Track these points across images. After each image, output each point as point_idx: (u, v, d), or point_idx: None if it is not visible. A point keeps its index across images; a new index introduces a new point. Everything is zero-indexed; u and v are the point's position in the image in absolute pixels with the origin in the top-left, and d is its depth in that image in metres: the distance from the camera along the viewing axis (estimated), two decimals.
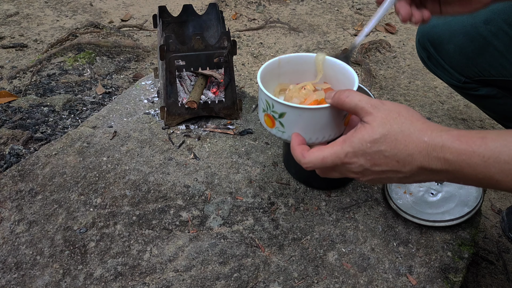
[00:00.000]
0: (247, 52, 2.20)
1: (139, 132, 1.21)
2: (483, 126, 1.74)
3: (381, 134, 0.59)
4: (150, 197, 1.02)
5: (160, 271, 0.87)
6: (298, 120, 0.68)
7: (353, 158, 0.61)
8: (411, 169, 0.59)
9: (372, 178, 0.63)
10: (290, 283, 0.86)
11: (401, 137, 0.58)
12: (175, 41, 1.13)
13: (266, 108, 0.71)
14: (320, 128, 0.69)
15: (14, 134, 1.42)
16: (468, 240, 0.95)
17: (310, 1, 2.73)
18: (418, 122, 0.59)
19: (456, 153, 0.55)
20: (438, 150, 0.56)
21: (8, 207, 0.99)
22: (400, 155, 0.58)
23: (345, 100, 0.63)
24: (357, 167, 0.62)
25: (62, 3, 2.60)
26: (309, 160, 0.64)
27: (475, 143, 0.54)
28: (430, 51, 1.15)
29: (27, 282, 0.84)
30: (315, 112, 0.68)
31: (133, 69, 2.02)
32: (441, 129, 0.57)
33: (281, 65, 0.79)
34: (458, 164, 0.55)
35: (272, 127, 0.72)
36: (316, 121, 0.68)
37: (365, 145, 0.60)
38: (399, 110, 0.60)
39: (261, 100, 0.73)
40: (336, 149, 0.62)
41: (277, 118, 0.70)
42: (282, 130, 0.71)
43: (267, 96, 0.69)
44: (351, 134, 0.61)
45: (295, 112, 0.68)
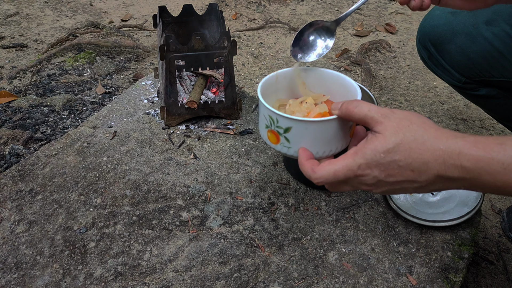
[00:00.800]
0: (247, 52, 2.20)
1: (139, 132, 1.21)
2: (483, 126, 1.74)
3: (395, 143, 0.57)
4: (150, 197, 1.02)
5: (160, 271, 0.87)
6: (305, 134, 0.66)
7: (367, 170, 0.59)
8: (428, 178, 0.57)
9: (386, 190, 0.61)
10: (290, 283, 0.86)
11: (415, 145, 0.56)
12: (175, 41, 1.13)
13: (269, 124, 0.68)
14: (328, 141, 0.67)
15: (14, 134, 1.42)
16: (468, 240, 0.95)
17: (310, 1, 2.73)
18: (431, 129, 0.57)
19: (474, 160, 0.53)
20: (455, 158, 0.54)
21: (8, 207, 0.99)
22: (415, 164, 0.56)
23: (354, 110, 0.62)
24: (371, 179, 0.60)
25: (62, 3, 2.60)
26: (321, 175, 0.62)
27: (493, 149, 0.53)
28: (431, 51, 1.15)
29: (27, 282, 0.84)
30: (323, 124, 0.66)
31: (133, 69, 2.02)
32: (457, 136, 0.56)
33: (279, 80, 0.77)
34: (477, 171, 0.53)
35: (277, 143, 0.69)
36: (323, 134, 0.66)
37: (379, 156, 0.58)
38: (410, 117, 0.59)
39: (263, 117, 0.70)
40: (348, 162, 0.60)
41: (282, 133, 0.67)
42: (287, 146, 0.68)
43: (270, 111, 0.67)
44: (363, 145, 0.60)
45: (302, 125, 0.65)
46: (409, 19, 2.53)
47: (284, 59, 2.14)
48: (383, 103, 1.84)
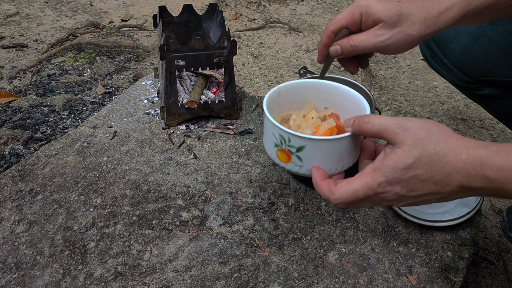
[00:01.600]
0: (247, 52, 2.20)
1: (139, 132, 1.21)
2: (483, 126, 1.74)
3: (415, 158, 0.55)
4: (150, 197, 1.02)
5: (160, 271, 0.87)
6: (318, 152, 0.64)
7: (387, 187, 0.58)
8: (451, 189, 0.56)
9: (408, 203, 0.60)
10: (290, 283, 0.86)
11: (437, 158, 0.55)
12: (175, 41, 1.13)
13: (280, 143, 0.66)
14: (340, 157, 0.66)
15: (14, 134, 1.42)
16: (468, 240, 0.95)
17: (310, 1, 2.73)
18: (452, 139, 0.56)
19: (497, 170, 0.52)
20: (478, 168, 0.53)
21: (8, 207, 0.99)
22: (438, 177, 0.55)
23: (366, 126, 0.60)
24: (392, 195, 0.58)
25: (62, 3, 2.60)
26: (340, 196, 0.60)
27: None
28: (434, 50, 1.15)
29: (27, 282, 0.84)
30: (337, 142, 0.64)
31: (133, 69, 2.02)
32: (478, 145, 0.54)
33: (281, 94, 0.75)
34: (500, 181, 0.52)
35: (288, 162, 0.67)
36: (336, 151, 0.65)
37: (400, 172, 0.56)
38: (428, 127, 0.57)
39: (272, 135, 0.67)
40: (367, 180, 0.58)
41: (295, 152, 0.65)
42: (299, 165, 0.66)
43: (281, 130, 0.65)
44: (381, 162, 0.58)
45: (316, 144, 0.64)
46: None
47: (284, 59, 2.14)
48: (383, 103, 1.84)
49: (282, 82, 2.02)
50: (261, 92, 1.88)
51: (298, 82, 0.77)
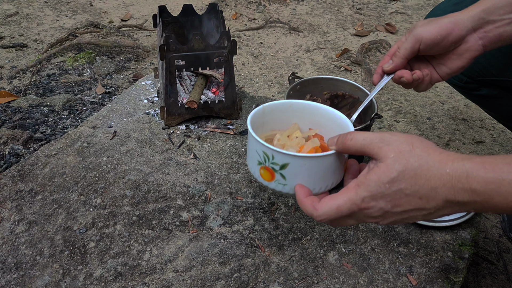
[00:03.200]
0: (247, 52, 2.20)
1: (139, 132, 1.21)
2: (483, 126, 1.73)
3: (398, 171, 0.54)
4: (150, 197, 1.02)
5: (160, 271, 0.87)
6: (302, 170, 0.63)
7: (371, 202, 0.56)
8: (436, 204, 0.54)
9: (393, 220, 0.58)
10: (290, 283, 0.85)
11: (421, 171, 0.54)
12: (175, 41, 1.13)
13: (263, 160, 0.65)
14: (324, 176, 0.64)
15: (14, 134, 1.42)
16: (468, 240, 0.95)
17: (310, 1, 2.72)
18: (435, 153, 0.55)
19: (483, 183, 0.51)
20: (464, 181, 0.52)
21: (8, 207, 0.99)
22: (422, 191, 0.54)
23: (349, 143, 0.60)
24: (377, 211, 0.57)
25: (62, 3, 2.60)
26: (323, 212, 0.59)
27: (502, 170, 0.50)
28: None
29: (27, 282, 0.84)
30: (321, 160, 0.63)
31: (133, 69, 2.02)
32: (463, 158, 0.53)
33: (265, 113, 0.75)
34: (487, 194, 0.51)
35: (271, 180, 0.65)
36: (320, 170, 0.64)
37: (383, 187, 0.55)
38: (411, 141, 0.56)
39: (255, 152, 0.66)
40: (351, 195, 0.57)
41: (278, 170, 0.64)
42: (283, 183, 0.65)
43: (265, 147, 0.63)
44: (364, 176, 0.57)
45: (300, 161, 0.62)
46: (410, 19, 2.53)
47: (284, 59, 2.14)
48: (383, 103, 1.84)
49: (282, 81, 2.02)
50: (261, 92, 1.88)
51: (283, 102, 0.76)
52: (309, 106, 0.76)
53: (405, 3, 2.71)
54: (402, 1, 2.74)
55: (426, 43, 0.79)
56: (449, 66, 0.83)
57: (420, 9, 2.63)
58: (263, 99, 1.34)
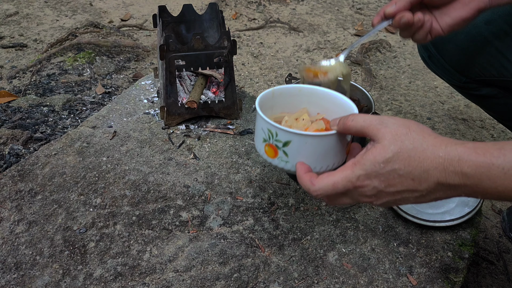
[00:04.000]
0: (247, 52, 2.20)
1: (139, 132, 1.21)
2: (483, 126, 1.73)
3: (393, 152, 0.56)
4: (150, 197, 1.02)
5: (160, 271, 0.87)
6: (304, 148, 0.66)
7: (366, 181, 0.59)
8: (428, 186, 0.56)
9: (387, 201, 0.60)
10: (290, 283, 0.85)
11: (415, 153, 0.56)
12: (175, 40, 1.13)
13: (268, 137, 0.68)
14: (325, 155, 0.67)
15: (14, 134, 1.42)
16: (468, 240, 0.95)
17: (310, 1, 2.72)
18: (430, 136, 0.57)
19: (474, 166, 0.53)
20: (455, 164, 0.54)
21: (7, 207, 0.99)
22: (415, 173, 0.56)
23: (351, 123, 0.62)
24: (371, 190, 0.59)
25: (61, 3, 2.60)
26: (319, 187, 0.62)
27: (493, 154, 0.52)
28: (431, 51, 1.15)
29: (26, 282, 0.84)
30: (322, 139, 0.66)
31: (133, 69, 2.02)
32: (456, 143, 0.55)
33: (275, 96, 0.77)
34: (477, 177, 0.53)
35: (274, 157, 0.69)
36: (322, 149, 0.66)
37: (378, 166, 0.57)
38: (408, 124, 0.58)
39: (261, 130, 0.70)
40: (347, 173, 0.60)
41: (281, 147, 0.67)
42: (285, 160, 0.68)
43: (270, 124, 0.67)
44: (361, 156, 0.59)
45: (301, 139, 0.65)
46: None
47: (284, 58, 2.14)
48: (383, 103, 1.84)
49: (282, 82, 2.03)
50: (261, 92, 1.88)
51: (293, 86, 0.79)
52: (319, 91, 0.78)
53: None
54: None
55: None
56: (453, 15, 0.82)
57: None
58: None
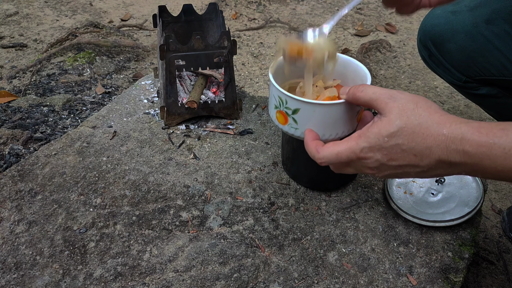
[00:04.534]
0: (247, 52, 2.20)
1: (139, 132, 1.21)
2: None
3: (398, 127, 0.57)
4: (150, 197, 1.02)
5: (160, 271, 0.87)
6: (312, 116, 0.68)
7: (369, 153, 0.59)
8: (429, 163, 0.57)
9: (388, 173, 0.61)
10: (290, 283, 0.85)
11: (419, 129, 0.56)
12: (175, 40, 1.13)
13: (279, 104, 0.70)
14: (334, 124, 0.68)
15: (14, 134, 1.42)
16: (468, 240, 0.95)
17: (310, 1, 2.72)
18: (436, 114, 0.57)
19: (475, 145, 0.53)
20: (457, 143, 0.54)
21: (7, 207, 0.99)
22: (418, 148, 0.57)
23: (360, 94, 0.63)
24: (373, 162, 0.60)
25: (61, 3, 2.60)
26: (323, 155, 0.63)
27: (495, 134, 0.53)
28: (431, 50, 1.15)
29: (26, 282, 0.84)
30: (330, 107, 0.67)
31: (133, 69, 2.02)
32: (461, 121, 0.56)
33: None
34: (478, 156, 0.53)
35: (285, 124, 0.71)
36: (330, 117, 0.67)
37: (382, 140, 0.58)
38: (416, 100, 0.58)
39: (273, 97, 0.72)
40: (351, 144, 0.61)
41: (291, 114, 0.69)
42: (295, 127, 0.70)
43: (280, 92, 0.68)
44: (367, 128, 0.60)
45: (310, 107, 0.67)
46: (410, 18, 2.53)
47: None
48: None
49: None
50: (261, 92, 1.88)
51: None
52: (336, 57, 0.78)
53: None
54: None
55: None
56: None
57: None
58: (263, 99, 1.34)
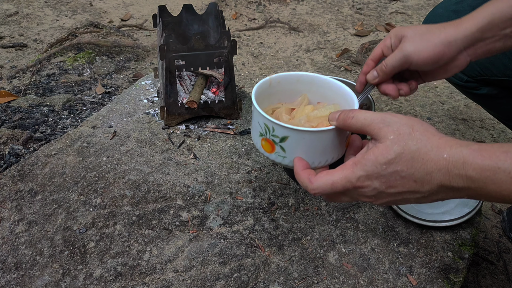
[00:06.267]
0: (247, 52, 2.20)
1: (139, 132, 1.21)
2: (483, 126, 1.73)
3: (396, 153, 0.55)
4: (150, 197, 1.02)
5: (160, 271, 0.87)
6: (301, 144, 0.64)
7: (366, 182, 0.57)
8: (431, 188, 0.55)
9: (387, 201, 0.59)
10: (290, 283, 0.85)
11: (418, 155, 0.54)
12: (175, 40, 1.13)
13: (264, 132, 0.66)
14: (324, 151, 0.65)
15: (14, 134, 1.42)
16: (468, 240, 0.95)
17: (310, 1, 2.72)
18: (434, 137, 0.55)
19: (479, 170, 0.51)
20: (460, 167, 0.52)
21: (7, 207, 0.99)
22: (418, 175, 0.54)
23: (351, 121, 0.60)
24: (371, 191, 0.58)
25: (61, 3, 2.60)
26: (317, 186, 0.60)
27: (499, 158, 0.51)
28: None
29: (26, 282, 0.84)
30: (320, 134, 0.64)
31: (133, 68, 2.02)
32: (461, 144, 0.54)
33: (272, 85, 0.75)
34: (482, 181, 0.52)
35: (271, 152, 0.67)
36: (320, 144, 0.64)
37: (380, 167, 0.56)
38: (412, 124, 0.56)
39: (257, 124, 0.67)
40: (347, 173, 0.58)
41: (278, 142, 0.65)
42: (283, 155, 0.66)
43: (266, 119, 0.64)
44: (362, 155, 0.57)
45: (299, 135, 0.63)
46: (410, 18, 2.53)
47: (284, 58, 2.14)
48: (383, 102, 1.84)
49: None
50: None
51: (291, 74, 0.76)
52: (318, 79, 0.76)
53: (405, 3, 2.71)
54: (402, 1, 2.74)
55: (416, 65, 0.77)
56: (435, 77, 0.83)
57: (420, 9, 2.63)
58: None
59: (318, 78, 0.76)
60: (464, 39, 0.75)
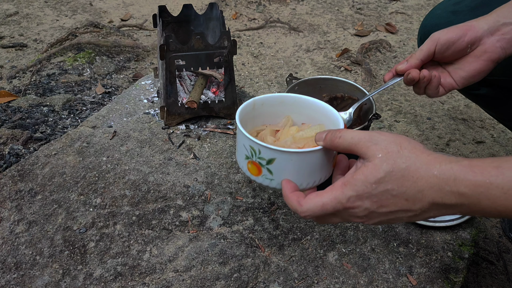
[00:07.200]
0: (247, 52, 2.20)
1: (139, 132, 1.21)
2: (483, 126, 1.73)
3: (386, 171, 0.54)
4: (150, 197, 1.02)
5: (160, 271, 0.87)
6: (289, 166, 0.62)
7: (357, 202, 0.56)
8: (422, 206, 0.54)
9: (379, 221, 0.58)
10: (290, 283, 0.85)
11: (408, 173, 0.53)
12: (175, 40, 1.13)
13: (250, 155, 0.64)
14: (312, 171, 0.64)
15: (14, 134, 1.42)
16: (468, 240, 0.95)
17: (310, 1, 2.72)
18: (423, 154, 0.54)
19: (472, 186, 0.51)
20: (451, 184, 0.52)
21: (7, 207, 0.99)
22: (409, 193, 0.54)
23: (338, 141, 0.59)
24: (362, 211, 0.57)
25: (61, 3, 2.60)
26: (307, 208, 0.59)
27: (490, 173, 0.50)
28: None
29: (26, 282, 0.84)
30: (308, 155, 0.62)
31: (133, 68, 2.02)
32: (450, 160, 0.53)
33: (256, 107, 0.74)
34: (475, 197, 0.51)
35: (258, 175, 0.65)
36: (308, 165, 0.63)
37: (370, 187, 0.55)
38: (400, 141, 0.56)
39: (242, 147, 0.65)
40: (337, 194, 0.57)
41: (265, 164, 0.63)
42: (270, 178, 0.64)
43: (252, 141, 0.63)
44: (351, 176, 0.56)
45: (287, 157, 0.62)
46: (410, 18, 2.53)
47: (284, 58, 2.14)
48: (383, 103, 1.84)
49: (283, 82, 2.02)
50: (261, 92, 1.88)
51: (275, 96, 0.76)
52: (301, 100, 0.75)
53: (405, 3, 2.71)
54: (402, 1, 2.74)
55: (441, 43, 0.80)
56: (466, 69, 0.83)
57: (420, 9, 2.63)
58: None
59: (302, 99, 0.75)
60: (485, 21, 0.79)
